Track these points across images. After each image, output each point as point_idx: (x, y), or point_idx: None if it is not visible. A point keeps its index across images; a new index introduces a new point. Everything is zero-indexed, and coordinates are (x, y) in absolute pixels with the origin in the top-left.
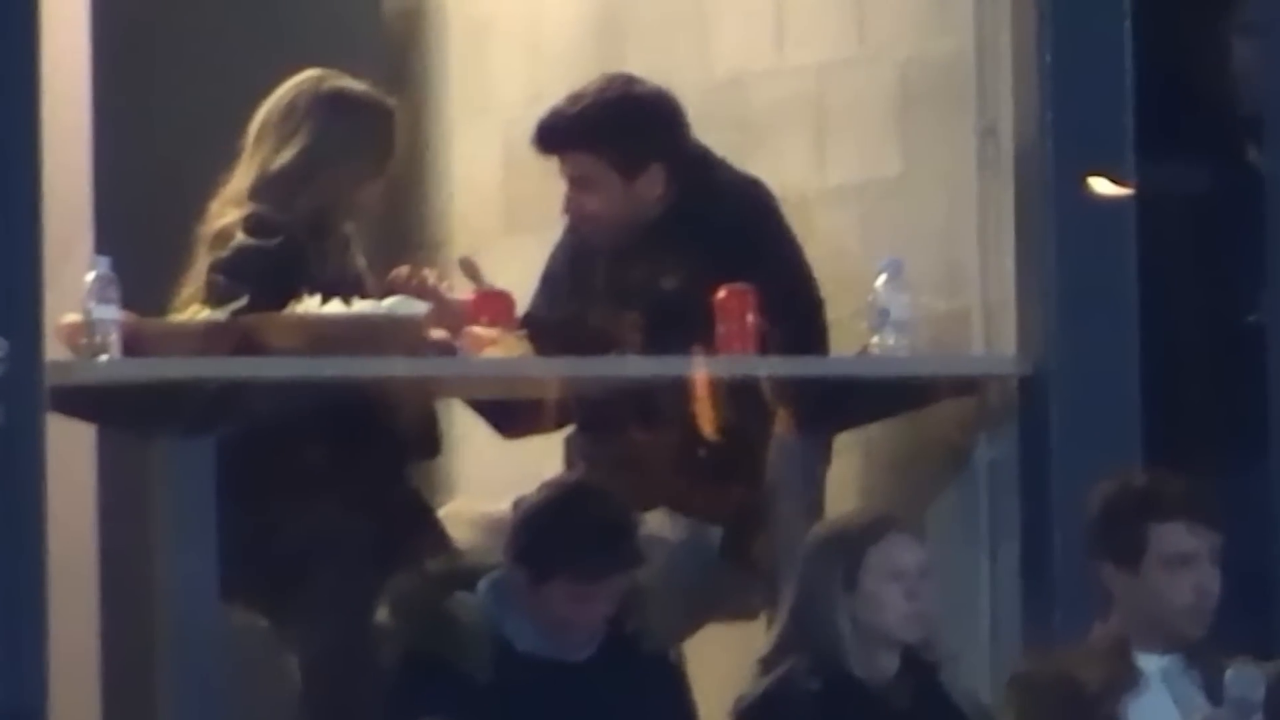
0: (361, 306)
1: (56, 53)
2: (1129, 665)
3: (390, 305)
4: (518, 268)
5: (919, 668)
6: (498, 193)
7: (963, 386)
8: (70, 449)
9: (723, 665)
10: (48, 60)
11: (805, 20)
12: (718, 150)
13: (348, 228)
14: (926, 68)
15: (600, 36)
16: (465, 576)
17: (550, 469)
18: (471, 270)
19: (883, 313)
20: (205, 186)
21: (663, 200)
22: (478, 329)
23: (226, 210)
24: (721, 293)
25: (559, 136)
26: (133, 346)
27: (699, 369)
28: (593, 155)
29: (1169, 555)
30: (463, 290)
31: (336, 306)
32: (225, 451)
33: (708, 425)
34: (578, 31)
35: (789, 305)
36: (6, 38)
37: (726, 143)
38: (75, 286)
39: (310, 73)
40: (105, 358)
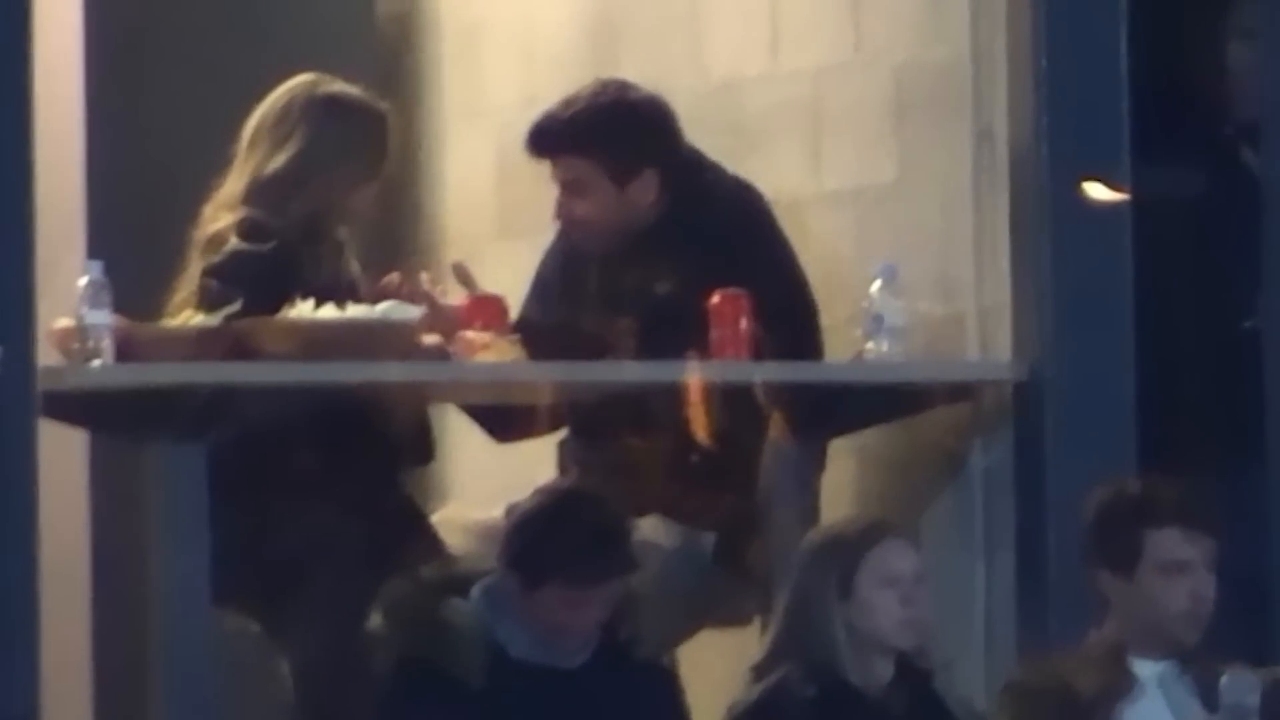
0: (355, 311)
1: (50, 56)
2: (1124, 671)
3: (383, 310)
4: (511, 272)
5: (914, 674)
6: (491, 197)
7: (958, 392)
8: (63, 454)
9: (717, 671)
10: (41, 64)
11: (800, 25)
12: (712, 155)
13: (341, 232)
14: (921, 73)
15: (594, 41)
16: (458, 582)
17: (544, 474)
18: (464, 275)
19: (877, 318)
20: (198, 191)
21: (656, 206)
22: (471, 334)
23: (220, 215)
24: (715, 298)
25: (552, 141)
26: (125, 351)
27: (693, 374)
28: (586, 160)
29: (1164, 561)
30: (456, 295)
31: (330, 311)
32: (218, 457)
33: (702, 431)
34: (571, 36)
35: (783, 310)
36: None
37: (721, 147)
38: (68, 291)
39: (303, 77)
40: (98, 363)
